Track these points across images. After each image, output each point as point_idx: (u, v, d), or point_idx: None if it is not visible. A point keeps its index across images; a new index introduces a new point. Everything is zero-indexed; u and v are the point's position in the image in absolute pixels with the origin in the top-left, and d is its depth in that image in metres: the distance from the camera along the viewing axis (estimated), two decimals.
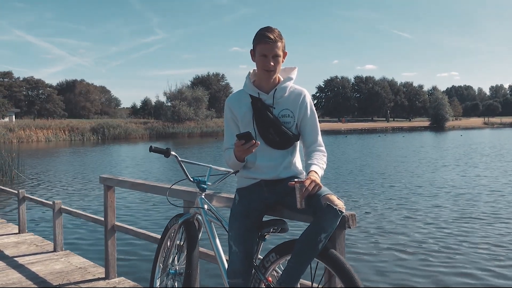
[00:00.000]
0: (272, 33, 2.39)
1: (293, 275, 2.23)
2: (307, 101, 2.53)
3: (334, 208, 2.15)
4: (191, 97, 67.61)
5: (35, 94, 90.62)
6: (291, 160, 2.53)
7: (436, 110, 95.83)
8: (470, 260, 6.88)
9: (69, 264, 5.27)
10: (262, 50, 2.40)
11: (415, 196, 12.44)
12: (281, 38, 2.42)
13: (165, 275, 3.09)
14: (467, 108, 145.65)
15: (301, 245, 2.21)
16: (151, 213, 10.59)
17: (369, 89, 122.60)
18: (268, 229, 2.46)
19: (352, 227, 2.28)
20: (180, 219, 3.02)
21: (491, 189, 13.47)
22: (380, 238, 8.16)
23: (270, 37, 2.37)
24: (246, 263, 2.43)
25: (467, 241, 7.92)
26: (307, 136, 2.53)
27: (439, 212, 10.30)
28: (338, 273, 2.13)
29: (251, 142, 2.31)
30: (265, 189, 2.50)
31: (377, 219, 9.70)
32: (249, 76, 2.58)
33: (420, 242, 7.86)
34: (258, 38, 2.41)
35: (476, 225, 9.01)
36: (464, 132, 64.82)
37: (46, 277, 4.79)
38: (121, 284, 4.53)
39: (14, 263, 5.32)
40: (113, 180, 4.50)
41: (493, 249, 7.41)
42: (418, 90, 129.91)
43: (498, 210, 10.47)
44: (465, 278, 6.17)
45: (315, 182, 2.22)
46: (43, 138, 50.29)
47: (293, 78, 2.56)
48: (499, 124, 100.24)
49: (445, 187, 13.97)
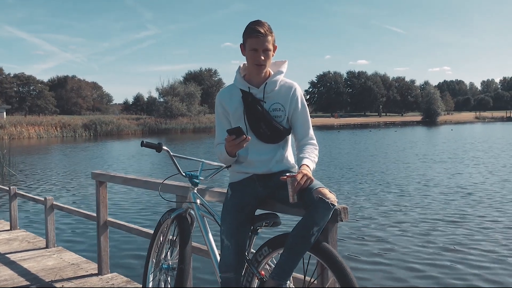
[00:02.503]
0: (262, 27, 2.37)
1: (286, 269, 2.23)
2: (297, 95, 2.52)
3: (326, 201, 2.15)
4: (184, 92, 67.41)
5: (26, 91, 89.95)
6: (283, 154, 2.53)
7: (428, 105, 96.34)
8: (462, 254, 6.94)
9: (61, 261, 5.25)
10: (253, 44, 2.38)
11: (407, 190, 12.50)
12: (271, 32, 2.40)
13: (158, 270, 3.09)
14: (459, 102, 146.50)
15: (293, 239, 2.21)
16: (143, 208, 10.57)
17: (361, 84, 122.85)
18: (261, 223, 2.46)
19: (344, 220, 2.28)
20: (172, 214, 3.01)
21: (481, 183, 13.59)
22: (372, 231, 8.20)
23: (261, 31, 2.35)
24: (238, 257, 2.43)
25: (458, 233, 7.98)
26: (298, 130, 2.52)
27: (431, 205, 10.37)
28: (331, 266, 2.13)
29: (242, 137, 2.29)
30: (257, 183, 2.50)
31: (369, 212, 9.74)
32: (239, 71, 2.56)
33: (412, 235, 7.92)
34: (248, 32, 2.39)
35: (467, 216, 9.09)
36: (455, 127, 65.17)
37: (38, 274, 4.77)
38: (114, 279, 4.52)
39: (6, 260, 5.29)
40: (105, 176, 4.48)
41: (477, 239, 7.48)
42: (410, 85, 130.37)
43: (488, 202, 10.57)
44: (457, 272, 6.22)
45: (306, 176, 2.22)
46: (35, 135, 49.89)
47: (284, 71, 2.55)
48: (490, 119, 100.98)
49: (434, 180, 14.07)
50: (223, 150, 2.44)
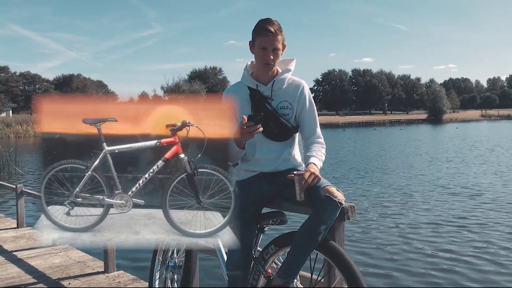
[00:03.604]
0: (272, 25, 2.34)
1: (293, 267, 2.23)
2: (305, 93, 2.51)
3: (334, 199, 2.14)
4: (189, 91, 67.46)
5: (32, 89, 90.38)
6: (290, 152, 2.52)
7: (433, 103, 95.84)
8: (469, 252, 6.91)
9: (68, 258, 5.27)
10: (262, 43, 2.36)
11: (415, 189, 12.46)
12: (281, 31, 2.38)
13: (165, 268, 3.09)
14: (464, 100, 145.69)
15: (300, 237, 2.21)
16: None
17: (366, 82, 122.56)
18: (267, 221, 2.46)
19: (352, 218, 2.27)
20: None
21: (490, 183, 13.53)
22: (380, 230, 8.18)
23: (271, 30, 2.33)
24: (245, 256, 2.43)
25: (467, 232, 7.95)
26: (305, 128, 2.51)
27: (439, 204, 10.33)
28: (338, 265, 2.13)
29: (257, 126, 2.25)
30: (264, 181, 2.49)
31: (376, 211, 9.72)
32: (247, 68, 2.55)
33: (420, 234, 7.89)
34: (258, 31, 2.37)
35: (474, 214, 9.05)
36: (460, 125, 64.86)
37: (45, 271, 4.79)
38: (121, 277, 4.54)
39: (13, 258, 5.32)
40: None
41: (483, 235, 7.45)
42: (415, 82, 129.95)
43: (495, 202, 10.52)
44: (464, 270, 6.19)
45: (314, 174, 2.21)
46: None
47: (292, 69, 2.53)
48: (497, 117, 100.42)
49: (441, 180, 14.02)
50: (232, 142, 2.39)
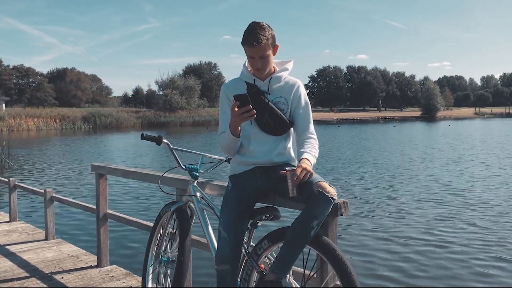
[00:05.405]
0: (256, 36, 2.32)
1: (286, 262, 2.24)
2: (301, 91, 2.55)
3: (326, 195, 2.15)
4: (183, 86, 67.23)
5: (26, 82, 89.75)
6: (285, 146, 2.54)
7: (427, 100, 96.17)
8: (463, 248, 6.96)
9: (61, 252, 5.26)
10: (249, 52, 2.39)
11: (407, 185, 12.53)
12: (267, 37, 2.35)
13: (158, 263, 3.10)
14: (458, 98, 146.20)
15: (293, 232, 2.22)
16: (143, 201, 10.58)
17: (361, 79, 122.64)
18: (260, 216, 2.47)
19: (344, 214, 2.28)
20: (172, 206, 3.02)
21: (481, 180, 13.63)
22: (372, 226, 8.23)
23: (254, 44, 2.33)
24: (235, 250, 2.43)
25: (458, 228, 8.01)
26: (299, 124, 2.53)
27: (430, 200, 10.39)
28: (330, 260, 2.14)
29: (247, 107, 2.27)
30: (258, 175, 2.50)
31: (369, 206, 9.77)
32: (245, 65, 2.57)
33: (412, 230, 7.94)
34: (244, 40, 2.38)
35: (466, 211, 9.11)
36: (453, 122, 65.16)
37: (38, 265, 4.79)
38: (114, 272, 4.54)
39: (6, 251, 5.31)
40: (105, 168, 4.48)
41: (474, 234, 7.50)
42: (410, 80, 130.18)
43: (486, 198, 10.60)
44: (457, 267, 6.24)
45: (306, 170, 2.22)
46: (34, 127, 49.80)
47: (289, 69, 2.58)
48: (490, 114, 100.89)
49: (434, 176, 14.10)
50: (228, 133, 2.42)
